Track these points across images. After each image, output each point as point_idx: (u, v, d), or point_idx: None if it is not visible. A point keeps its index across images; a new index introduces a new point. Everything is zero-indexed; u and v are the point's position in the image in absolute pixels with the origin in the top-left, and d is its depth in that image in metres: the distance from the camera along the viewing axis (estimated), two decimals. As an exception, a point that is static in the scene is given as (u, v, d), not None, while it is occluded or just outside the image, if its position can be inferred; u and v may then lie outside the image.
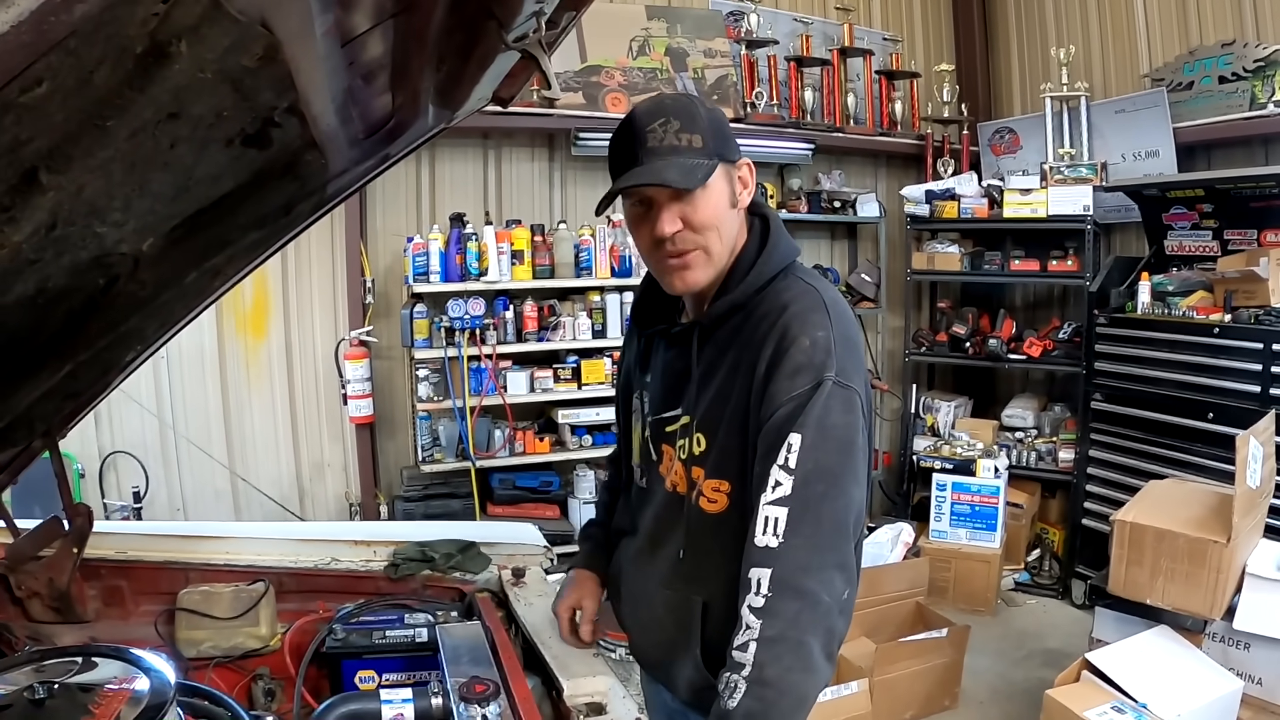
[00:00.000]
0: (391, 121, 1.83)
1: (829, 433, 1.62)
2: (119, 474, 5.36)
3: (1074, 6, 6.77)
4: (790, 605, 1.57)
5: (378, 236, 5.79)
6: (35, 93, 0.79)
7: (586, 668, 2.02)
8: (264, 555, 2.55)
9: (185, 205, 1.45)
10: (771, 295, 1.77)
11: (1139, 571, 3.87)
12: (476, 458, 5.53)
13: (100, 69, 0.86)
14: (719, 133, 1.74)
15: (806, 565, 1.58)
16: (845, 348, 1.69)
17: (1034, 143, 6.75)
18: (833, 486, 1.62)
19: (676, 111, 1.72)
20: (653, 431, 1.97)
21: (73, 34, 0.74)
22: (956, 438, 6.47)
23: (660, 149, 1.70)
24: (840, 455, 1.64)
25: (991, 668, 5.02)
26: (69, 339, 1.70)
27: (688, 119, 1.71)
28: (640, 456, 2.04)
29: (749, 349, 1.74)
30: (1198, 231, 5.62)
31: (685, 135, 1.70)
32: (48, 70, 0.78)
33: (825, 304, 1.73)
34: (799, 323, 1.69)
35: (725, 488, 1.78)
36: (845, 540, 1.65)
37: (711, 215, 1.74)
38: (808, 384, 1.63)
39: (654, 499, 1.97)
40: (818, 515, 1.60)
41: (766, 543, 1.60)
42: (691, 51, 6.26)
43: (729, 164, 1.76)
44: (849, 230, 7.34)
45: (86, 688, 1.54)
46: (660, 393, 1.96)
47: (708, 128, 1.72)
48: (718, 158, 1.72)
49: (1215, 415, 4.96)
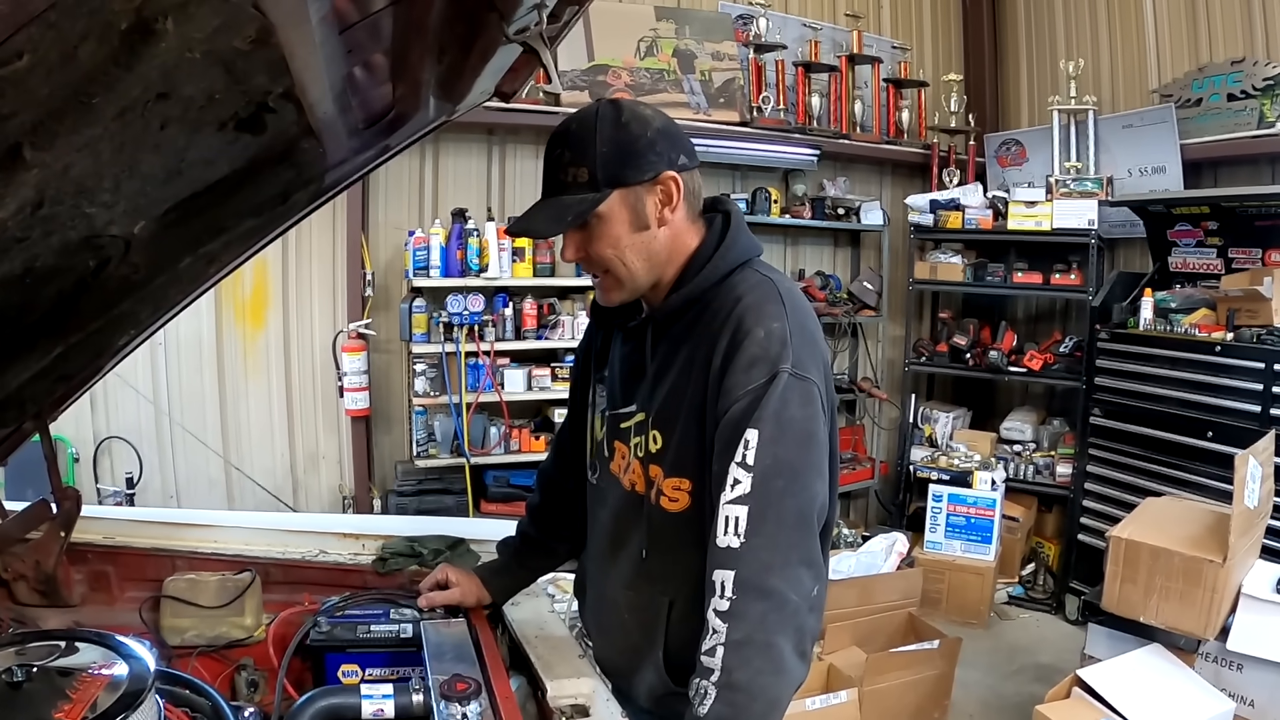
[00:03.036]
0: (391, 112, 1.82)
1: (787, 426, 1.60)
2: (113, 459, 5.36)
3: (1084, 20, 6.76)
4: (756, 606, 1.55)
5: (379, 229, 5.79)
6: (16, 66, 0.77)
7: (571, 669, 2.00)
8: (251, 545, 2.53)
9: (178, 189, 1.44)
10: (726, 289, 1.75)
11: (1133, 589, 3.86)
12: (471, 454, 5.51)
13: (84, 44, 0.84)
14: (617, 157, 1.69)
15: (770, 564, 1.56)
16: (801, 338, 1.67)
17: (1040, 155, 6.74)
18: (793, 481, 1.60)
19: (574, 138, 1.72)
20: (609, 427, 1.95)
21: (53, 6, 0.73)
22: (954, 449, 6.45)
23: (551, 183, 1.73)
24: (800, 449, 1.62)
25: (982, 681, 5.01)
26: (60, 320, 1.69)
27: (579, 148, 1.70)
28: (594, 453, 2.03)
29: (704, 343, 1.72)
30: (1202, 249, 5.61)
31: (572, 169, 1.70)
32: (28, 43, 0.76)
33: (780, 294, 1.72)
34: (753, 314, 1.67)
35: (686, 485, 1.77)
36: (809, 536, 1.63)
37: (607, 244, 1.73)
38: (763, 377, 1.62)
39: (610, 498, 1.96)
40: (780, 512, 1.58)
41: (728, 543, 1.57)
42: (699, 54, 6.24)
43: (636, 186, 1.71)
44: (852, 238, 7.32)
45: (65, 672, 1.53)
46: (617, 388, 1.94)
47: (602, 154, 1.68)
48: (611, 186, 1.69)
49: (1215, 434, 4.95)
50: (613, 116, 1.71)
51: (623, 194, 1.71)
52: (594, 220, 1.71)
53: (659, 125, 1.74)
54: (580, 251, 1.76)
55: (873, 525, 6.97)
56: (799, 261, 7.13)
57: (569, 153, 1.71)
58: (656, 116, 1.76)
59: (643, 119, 1.73)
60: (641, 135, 1.71)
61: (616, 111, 1.72)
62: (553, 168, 1.73)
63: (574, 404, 2.22)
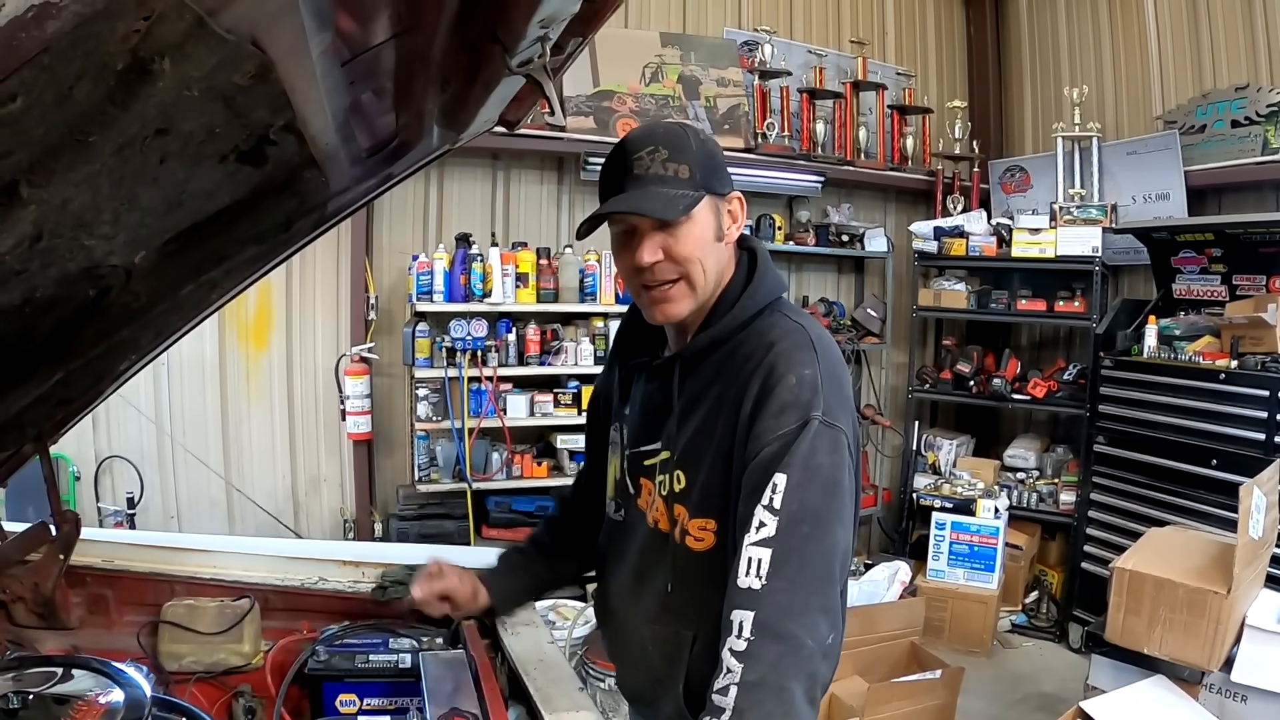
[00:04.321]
0: (395, 141, 1.82)
1: (815, 474, 1.59)
2: (114, 479, 5.35)
3: (1088, 47, 6.78)
4: (772, 649, 1.53)
5: (383, 253, 5.80)
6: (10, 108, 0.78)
7: (570, 701, 1.98)
8: (251, 571, 2.52)
9: (178, 219, 1.44)
10: (756, 332, 1.75)
11: (1137, 620, 3.83)
12: (473, 479, 5.51)
13: (79, 85, 0.84)
14: (708, 164, 1.72)
15: (789, 608, 1.55)
16: (832, 386, 1.66)
17: (1045, 182, 6.75)
18: (818, 528, 1.59)
19: (667, 140, 1.71)
20: (630, 465, 1.94)
21: (46, 50, 0.72)
22: (957, 477, 6.43)
23: (646, 177, 1.69)
24: (826, 496, 1.61)
25: (985, 710, 4.97)
26: (60, 347, 1.69)
27: (677, 148, 1.70)
28: (616, 490, 2.02)
29: (733, 385, 1.71)
30: (1206, 276, 5.61)
31: (673, 165, 1.69)
32: (22, 86, 0.76)
33: (812, 341, 1.71)
34: (785, 360, 1.67)
35: (711, 526, 1.76)
36: (830, 584, 1.61)
37: (694, 247, 1.72)
38: (794, 423, 1.61)
39: (635, 534, 1.95)
40: (802, 557, 1.57)
41: (749, 584, 1.56)
42: (704, 80, 6.27)
43: (718, 196, 1.75)
44: (856, 264, 7.33)
45: (61, 699, 1.53)
46: (639, 426, 1.93)
47: (697, 158, 1.70)
48: (705, 190, 1.71)
49: (1219, 462, 4.92)
50: (694, 130, 1.76)
51: (711, 201, 1.73)
52: (686, 220, 1.70)
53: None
54: (660, 253, 1.72)
55: (875, 553, 6.94)
56: (803, 288, 7.14)
57: (666, 149, 1.70)
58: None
59: (714, 140, 1.80)
60: (719, 152, 1.78)
61: (693, 128, 1.78)
62: (648, 162, 1.70)
63: (591, 444, 2.22)
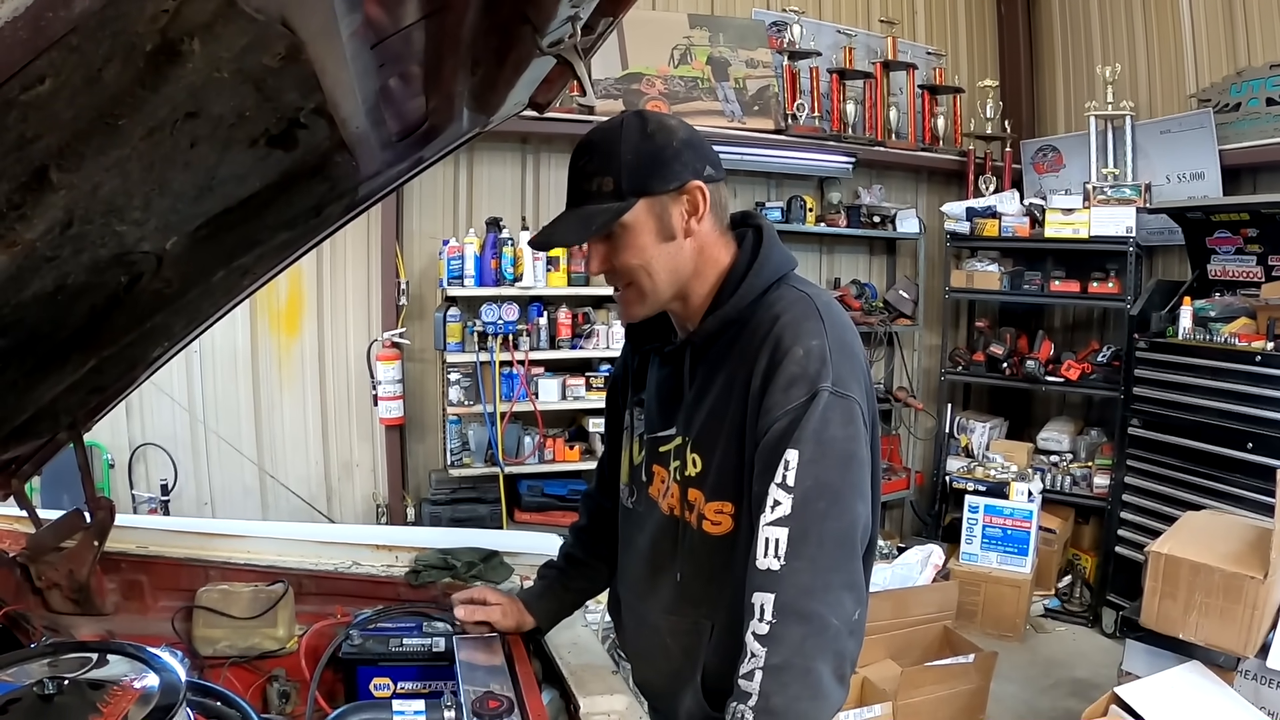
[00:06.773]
0: (425, 124, 1.81)
1: (828, 446, 1.57)
2: (148, 466, 5.40)
3: (1120, 25, 6.68)
4: (796, 630, 1.52)
5: (413, 238, 5.81)
6: (38, 90, 0.77)
7: (604, 685, 1.98)
8: (285, 556, 2.53)
9: (209, 205, 1.44)
10: (764, 307, 1.71)
11: (1172, 605, 3.79)
12: (505, 464, 5.52)
13: (108, 67, 0.83)
14: (644, 165, 1.67)
15: (811, 588, 1.53)
16: (841, 354, 1.63)
17: (1077, 162, 6.67)
18: (834, 504, 1.57)
19: (598, 148, 1.70)
20: (647, 451, 1.92)
21: (74, 30, 0.72)
22: (990, 459, 6.38)
23: (575, 193, 1.71)
24: (841, 469, 1.58)
25: (1018, 695, 4.95)
26: (93, 334, 1.69)
27: (604, 158, 1.68)
28: (630, 476, 2.00)
29: (743, 364, 1.69)
30: (1241, 256, 5.53)
31: (597, 178, 1.68)
32: (50, 67, 0.75)
33: (818, 310, 1.68)
34: (791, 332, 1.64)
35: (729, 509, 1.74)
36: (851, 558, 1.60)
37: (633, 255, 1.71)
38: (803, 396, 1.58)
39: (648, 523, 1.93)
40: (820, 535, 1.55)
41: (768, 565, 1.55)
42: (733, 61, 6.22)
43: (662, 195, 1.69)
44: (888, 246, 7.28)
45: (96, 684, 1.53)
46: (654, 411, 1.92)
47: (625, 164, 1.66)
48: (638, 194, 1.67)
49: (1255, 445, 4.87)
50: (638, 126, 1.70)
51: (649, 203, 1.68)
52: (619, 230, 1.69)
53: (684, 136, 1.72)
54: (605, 263, 1.74)
55: (908, 536, 6.90)
56: (834, 270, 7.10)
57: (594, 162, 1.69)
58: (682, 127, 1.74)
59: (668, 129, 1.72)
60: (667, 145, 1.70)
61: (642, 122, 1.71)
62: (577, 178, 1.71)
63: (610, 429, 2.20)
